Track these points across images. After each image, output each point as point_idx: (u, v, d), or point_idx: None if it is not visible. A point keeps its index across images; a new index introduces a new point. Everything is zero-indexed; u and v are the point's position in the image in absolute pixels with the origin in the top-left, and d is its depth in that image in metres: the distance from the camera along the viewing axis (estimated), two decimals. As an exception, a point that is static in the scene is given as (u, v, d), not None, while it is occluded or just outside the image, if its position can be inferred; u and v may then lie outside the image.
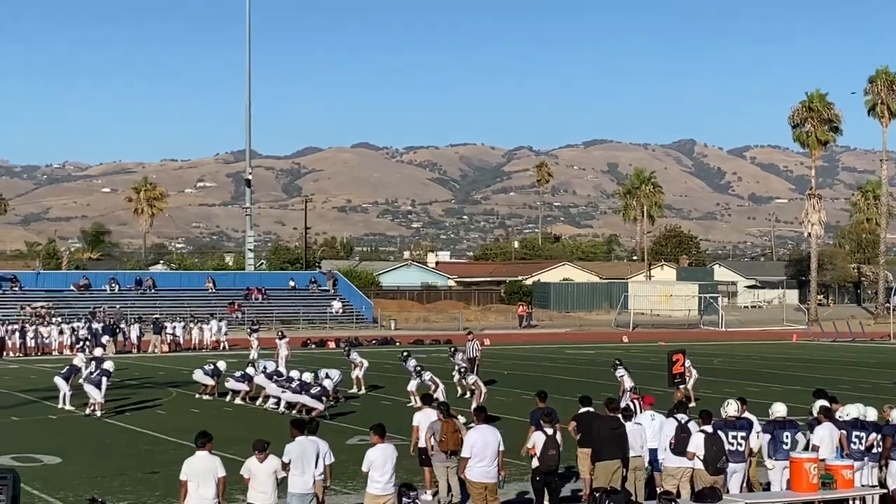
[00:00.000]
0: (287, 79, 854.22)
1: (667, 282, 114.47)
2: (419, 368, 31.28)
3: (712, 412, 17.12)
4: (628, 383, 29.30)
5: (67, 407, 31.03)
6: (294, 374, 31.13)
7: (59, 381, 32.05)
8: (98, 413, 29.71)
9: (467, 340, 38.90)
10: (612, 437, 16.86)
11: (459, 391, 33.29)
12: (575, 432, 18.16)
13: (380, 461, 14.92)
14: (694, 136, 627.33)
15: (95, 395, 30.08)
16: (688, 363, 32.18)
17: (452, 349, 37.80)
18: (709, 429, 16.39)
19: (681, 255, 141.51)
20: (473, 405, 26.51)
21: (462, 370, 33.72)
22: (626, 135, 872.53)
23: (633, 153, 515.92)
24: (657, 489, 17.06)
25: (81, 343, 51.12)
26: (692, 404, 27.81)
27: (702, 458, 16.16)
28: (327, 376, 30.81)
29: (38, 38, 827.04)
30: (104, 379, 30.17)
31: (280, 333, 43.06)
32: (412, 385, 31.44)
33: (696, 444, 16.25)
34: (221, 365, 34.47)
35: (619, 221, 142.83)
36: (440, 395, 26.72)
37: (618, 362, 30.84)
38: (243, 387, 32.79)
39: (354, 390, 35.21)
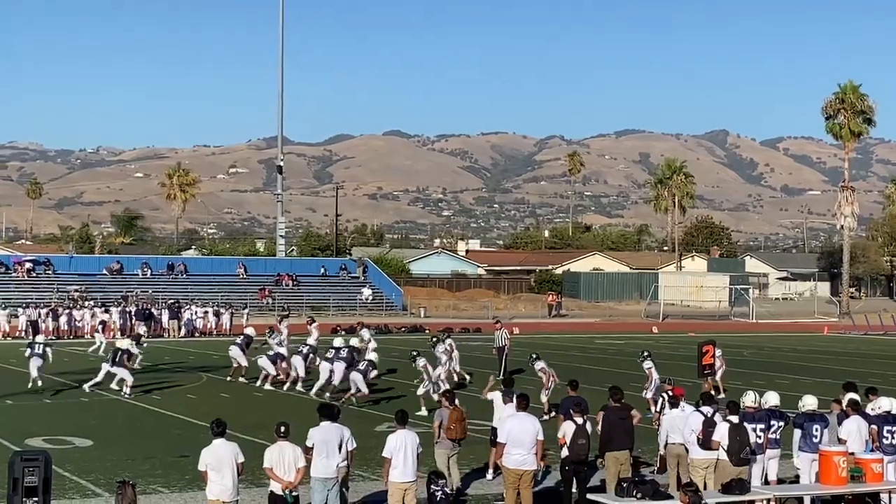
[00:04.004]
0: (319, 66, 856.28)
1: (698, 273, 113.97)
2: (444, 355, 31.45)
3: (738, 403, 17.07)
4: (655, 375, 29.20)
5: (127, 391, 31.05)
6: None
7: (113, 369, 32.00)
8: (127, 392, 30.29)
9: (495, 329, 38.80)
10: (621, 426, 16.83)
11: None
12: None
13: (399, 448, 14.94)
14: (727, 126, 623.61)
15: (127, 376, 30.62)
16: (718, 352, 32.10)
17: (434, 339, 36.10)
18: (734, 419, 16.34)
19: (712, 246, 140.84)
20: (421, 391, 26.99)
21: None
22: (658, 125, 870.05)
23: (666, 143, 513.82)
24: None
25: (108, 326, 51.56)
26: (721, 395, 27.77)
27: (725, 448, 16.12)
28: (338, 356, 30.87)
29: (73, 23, 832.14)
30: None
31: (310, 319, 43.17)
32: (439, 372, 31.56)
33: (721, 433, 16.22)
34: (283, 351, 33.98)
35: (651, 211, 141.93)
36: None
37: (646, 353, 30.67)
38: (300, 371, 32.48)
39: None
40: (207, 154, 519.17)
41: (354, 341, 32.95)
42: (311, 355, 32.73)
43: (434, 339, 34.67)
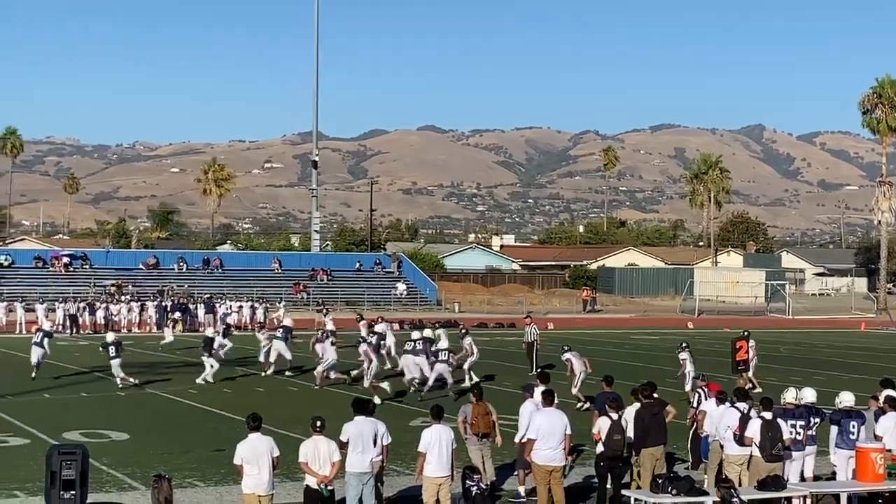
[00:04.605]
0: (354, 61, 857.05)
1: (733, 268, 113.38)
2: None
3: (773, 399, 16.96)
4: (689, 367, 29.19)
5: (210, 379, 31.26)
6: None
7: (205, 359, 33.15)
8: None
9: (525, 324, 38.79)
10: (654, 422, 16.77)
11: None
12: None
13: (434, 443, 14.94)
14: (763, 121, 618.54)
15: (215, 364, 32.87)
16: (752, 343, 31.99)
17: (463, 331, 35.77)
18: (767, 415, 16.23)
19: (748, 242, 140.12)
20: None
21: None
22: (693, 119, 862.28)
23: (701, 138, 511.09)
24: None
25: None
26: (757, 390, 27.61)
27: (758, 444, 16.03)
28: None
29: (110, 20, 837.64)
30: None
31: (359, 316, 43.42)
32: (468, 364, 31.70)
33: (753, 430, 16.12)
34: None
35: (686, 207, 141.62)
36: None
37: (684, 344, 30.72)
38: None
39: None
40: (242, 149, 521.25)
41: (427, 332, 33.14)
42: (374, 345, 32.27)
43: (463, 331, 34.74)
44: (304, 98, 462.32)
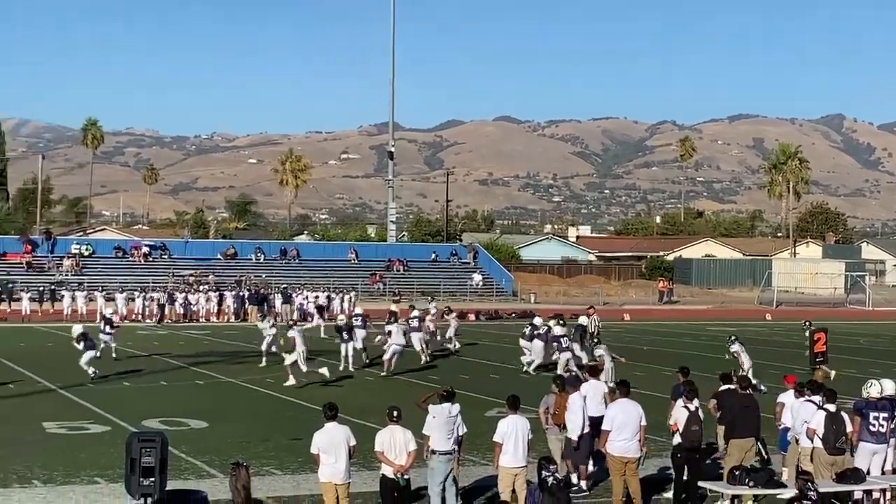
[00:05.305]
0: (430, 52, 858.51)
1: (812, 259, 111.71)
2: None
3: (837, 392, 16.74)
4: (745, 359, 29.04)
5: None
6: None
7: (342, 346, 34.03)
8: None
9: (587, 315, 38.70)
10: (746, 414, 16.59)
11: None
12: (715, 409, 17.96)
13: (510, 433, 14.91)
14: (843, 110, 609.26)
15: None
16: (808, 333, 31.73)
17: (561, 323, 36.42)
18: (831, 407, 16.00)
19: (827, 233, 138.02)
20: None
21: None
22: (772, 109, 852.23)
23: (780, 128, 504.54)
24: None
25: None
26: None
27: (821, 436, 15.79)
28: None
29: (189, 13, 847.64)
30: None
31: (447, 309, 43.68)
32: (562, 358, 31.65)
33: (817, 421, 15.90)
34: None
35: (764, 197, 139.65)
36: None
37: (733, 337, 30.50)
38: None
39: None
40: (319, 140, 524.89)
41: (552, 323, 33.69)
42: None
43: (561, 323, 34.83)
44: (380, 89, 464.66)
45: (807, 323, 37.46)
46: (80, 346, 30.95)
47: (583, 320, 36.13)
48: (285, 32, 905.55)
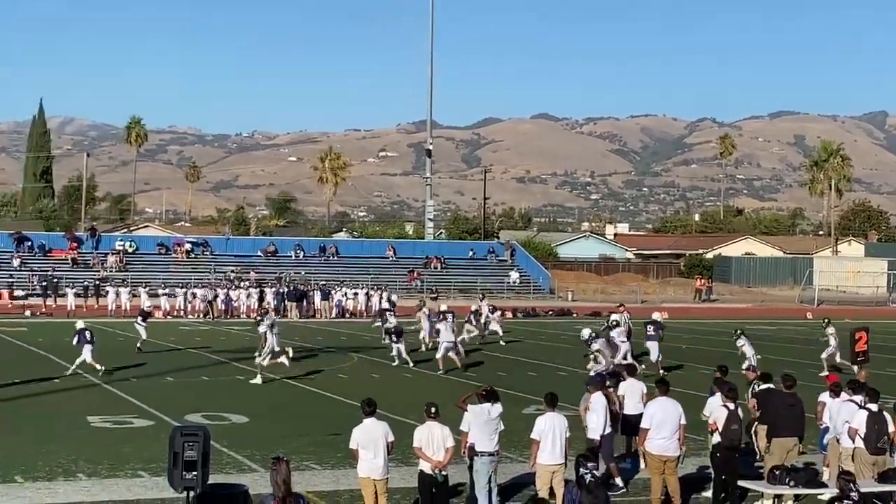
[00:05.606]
0: (468, 50, 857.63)
1: (854, 258, 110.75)
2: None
3: (879, 391, 16.62)
4: (749, 352, 29.11)
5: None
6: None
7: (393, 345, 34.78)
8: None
9: (619, 312, 38.70)
10: (789, 414, 16.52)
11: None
12: (755, 409, 17.90)
13: (548, 430, 14.94)
14: (886, 107, 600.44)
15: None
16: (831, 330, 31.76)
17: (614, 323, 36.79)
18: (873, 407, 15.91)
19: (869, 231, 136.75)
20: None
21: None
22: (814, 106, 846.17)
23: (821, 125, 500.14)
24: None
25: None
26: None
27: (862, 436, 15.71)
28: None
29: (229, 11, 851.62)
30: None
31: (490, 306, 44.19)
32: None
33: (859, 421, 15.81)
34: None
35: (805, 195, 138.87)
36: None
37: (739, 331, 30.51)
38: None
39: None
40: (358, 138, 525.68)
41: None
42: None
43: (615, 323, 34.89)
44: (418, 87, 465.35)
45: (826, 320, 37.26)
46: (75, 340, 31.11)
47: (615, 317, 36.11)
48: (324, 30, 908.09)
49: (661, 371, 30.34)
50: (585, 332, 31.62)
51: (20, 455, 19.12)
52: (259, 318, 33.59)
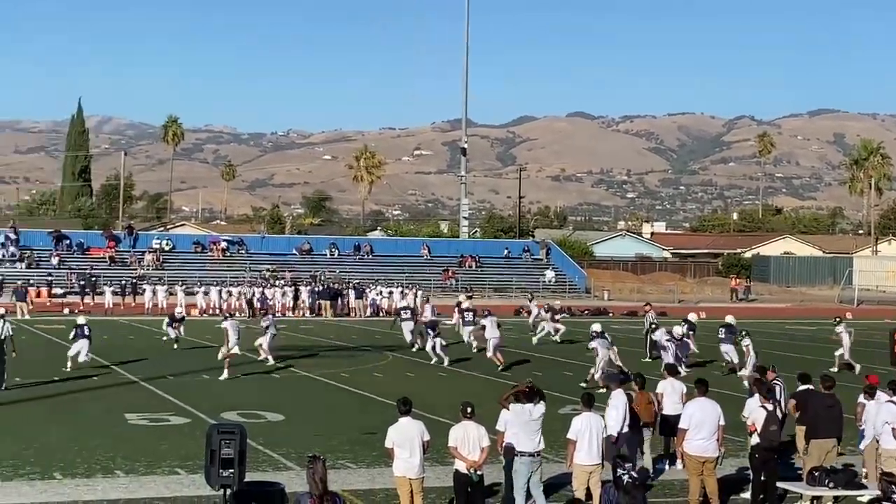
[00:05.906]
0: (503, 48, 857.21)
1: (895, 257, 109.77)
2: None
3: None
4: (753, 353, 29.04)
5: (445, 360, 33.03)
6: None
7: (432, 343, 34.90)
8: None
9: (645, 311, 38.71)
10: (828, 415, 16.37)
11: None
12: (794, 410, 17.75)
13: (585, 430, 14.84)
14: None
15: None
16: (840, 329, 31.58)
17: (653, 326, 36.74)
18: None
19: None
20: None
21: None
22: (853, 104, 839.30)
23: (862, 123, 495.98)
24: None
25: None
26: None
27: (897, 436, 15.56)
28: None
29: (266, 11, 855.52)
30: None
31: (547, 305, 44.69)
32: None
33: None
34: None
35: (845, 194, 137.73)
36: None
37: (744, 332, 30.36)
38: None
39: None
40: (393, 136, 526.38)
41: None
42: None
43: (654, 326, 34.96)
44: (453, 86, 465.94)
45: (837, 319, 37.02)
46: (71, 335, 31.39)
47: (691, 317, 35.88)
48: (359, 29, 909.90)
49: (742, 372, 29.62)
50: (597, 326, 31.40)
51: (59, 452, 19.28)
52: (227, 314, 34.43)
